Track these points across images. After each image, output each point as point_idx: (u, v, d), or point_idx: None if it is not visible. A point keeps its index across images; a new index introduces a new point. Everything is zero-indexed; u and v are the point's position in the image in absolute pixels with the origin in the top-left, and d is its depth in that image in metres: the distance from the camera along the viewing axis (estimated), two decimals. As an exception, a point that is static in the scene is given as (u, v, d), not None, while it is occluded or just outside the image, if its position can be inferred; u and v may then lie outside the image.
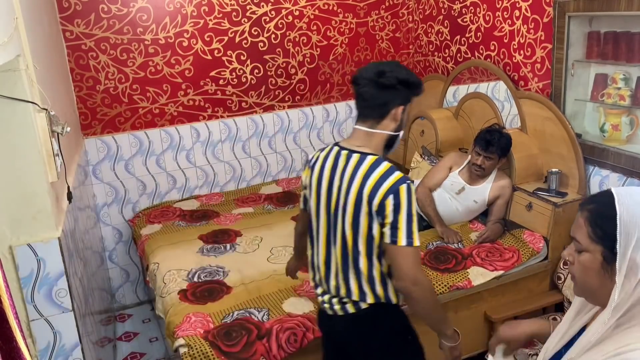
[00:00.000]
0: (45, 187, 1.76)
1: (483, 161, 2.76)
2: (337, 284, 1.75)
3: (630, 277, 0.98)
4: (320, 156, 1.81)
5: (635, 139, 2.52)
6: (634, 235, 0.97)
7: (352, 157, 1.71)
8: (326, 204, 1.74)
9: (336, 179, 1.71)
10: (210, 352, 2.05)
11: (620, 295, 0.99)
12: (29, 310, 1.81)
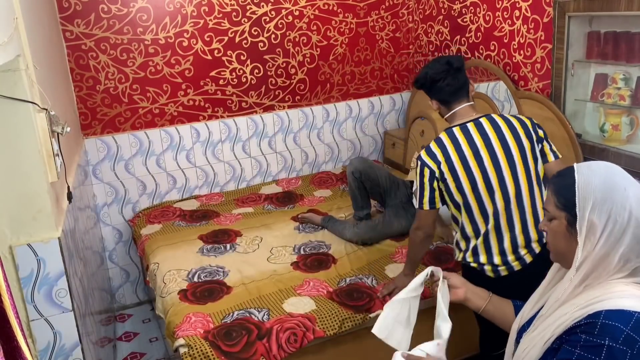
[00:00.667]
0: (45, 187, 1.76)
1: None
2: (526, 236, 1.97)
3: (590, 237, 1.10)
4: (455, 139, 1.99)
5: (635, 139, 2.52)
6: (590, 199, 1.10)
7: (495, 120, 2.02)
8: (507, 164, 1.96)
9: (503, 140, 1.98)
10: (210, 352, 2.05)
11: (582, 254, 1.12)
12: (29, 310, 1.81)
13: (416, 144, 3.69)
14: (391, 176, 3.18)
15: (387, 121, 4.13)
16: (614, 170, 1.14)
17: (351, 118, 3.99)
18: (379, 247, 2.81)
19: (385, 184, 3.11)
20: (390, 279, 2.48)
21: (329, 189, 3.70)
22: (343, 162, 4.04)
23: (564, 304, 1.14)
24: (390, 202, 3.11)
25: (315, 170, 3.97)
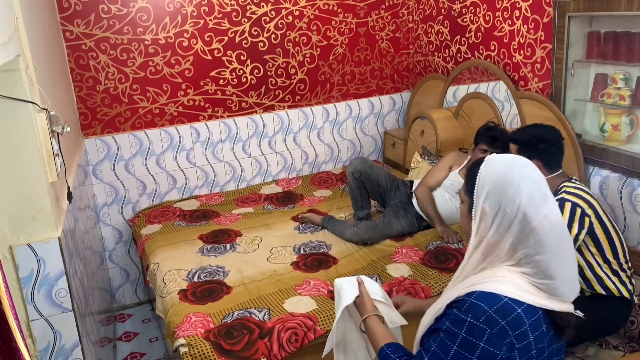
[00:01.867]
0: (45, 187, 1.76)
1: None
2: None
3: (482, 223, 1.20)
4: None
5: (635, 139, 2.52)
6: (485, 189, 1.20)
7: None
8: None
9: None
10: (210, 352, 2.05)
11: (476, 237, 1.23)
12: (29, 310, 1.81)
13: (416, 144, 3.69)
14: (391, 176, 3.18)
15: (387, 121, 4.13)
16: (514, 165, 1.21)
17: (351, 118, 3.99)
18: (379, 247, 2.81)
19: (385, 184, 3.11)
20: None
21: (329, 189, 3.70)
22: (343, 162, 4.04)
23: (462, 282, 1.24)
24: (390, 202, 3.11)
25: (315, 170, 3.97)
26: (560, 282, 1.16)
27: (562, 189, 2.20)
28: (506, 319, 1.11)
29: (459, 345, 1.13)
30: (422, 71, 3.97)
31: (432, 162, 3.36)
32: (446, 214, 2.94)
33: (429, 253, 2.69)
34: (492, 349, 1.11)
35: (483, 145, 2.78)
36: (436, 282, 2.45)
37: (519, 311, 1.12)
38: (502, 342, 1.11)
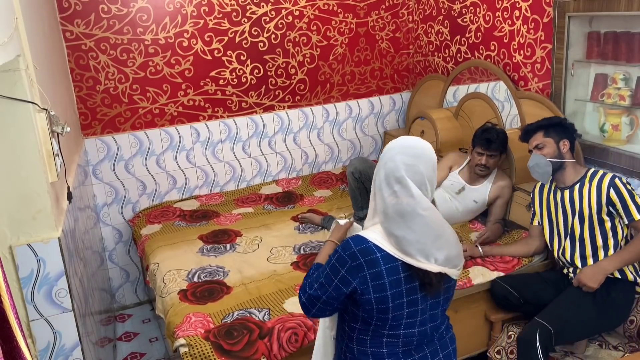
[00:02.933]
0: (45, 187, 1.76)
1: (487, 160, 2.78)
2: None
3: (376, 198, 1.46)
4: None
5: (635, 139, 2.52)
6: (380, 168, 1.45)
7: None
8: None
9: None
10: (210, 352, 2.05)
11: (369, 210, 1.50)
12: (29, 310, 1.81)
13: (416, 144, 3.68)
14: (391, 176, 3.18)
15: (387, 121, 4.13)
16: (390, 146, 1.47)
17: (351, 118, 3.99)
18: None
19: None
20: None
21: (329, 189, 3.70)
22: (343, 162, 4.04)
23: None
24: (390, 202, 3.11)
25: (315, 170, 3.97)
26: (408, 245, 1.38)
27: (597, 172, 2.30)
28: (365, 258, 1.40)
29: (330, 268, 1.46)
30: (422, 71, 3.97)
31: (432, 162, 3.35)
32: (446, 214, 2.94)
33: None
34: (348, 277, 1.41)
35: (478, 149, 2.79)
36: (436, 282, 2.45)
37: (378, 255, 1.40)
38: (357, 274, 1.40)
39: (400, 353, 1.48)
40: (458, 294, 2.48)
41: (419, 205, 1.39)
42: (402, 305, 1.42)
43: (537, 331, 2.14)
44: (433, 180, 1.46)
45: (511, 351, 2.36)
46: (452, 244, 1.44)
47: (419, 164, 1.42)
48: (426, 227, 1.39)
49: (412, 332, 1.46)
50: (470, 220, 3.00)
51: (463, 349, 2.63)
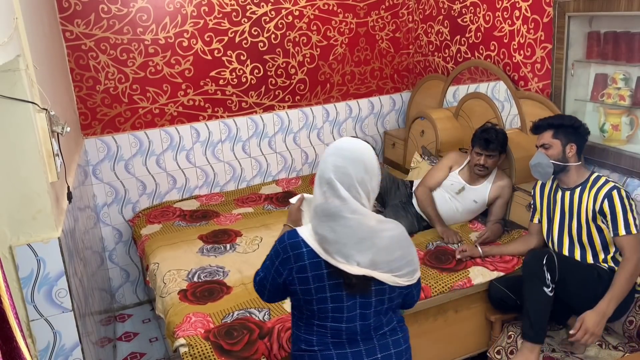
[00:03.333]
0: (45, 187, 1.76)
1: (485, 160, 2.77)
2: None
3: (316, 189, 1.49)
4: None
5: (635, 139, 2.52)
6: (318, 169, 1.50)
7: None
8: None
9: None
10: (210, 352, 2.05)
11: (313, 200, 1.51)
12: (29, 310, 1.81)
13: (416, 144, 3.69)
14: (391, 176, 3.18)
15: (387, 121, 4.13)
16: (328, 147, 1.51)
17: (351, 118, 3.99)
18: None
19: (385, 185, 3.11)
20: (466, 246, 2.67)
21: (329, 189, 3.69)
22: (343, 162, 4.04)
23: None
24: (390, 202, 3.11)
25: (316, 170, 3.96)
26: (327, 244, 1.42)
27: (600, 177, 2.27)
28: (293, 252, 1.47)
29: (269, 258, 1.55)
30: (422, 71, 3.97)
31: (432, 162, 3.36)
32: (446, 214, 2.94)
33: (429, 253, 2.69)
34: (280, 268, 1.50)
35: (477, 149, 2.79)
36: (436, 282, 2.45)
37: (304, 250, 1.46)
38: (286, 266, 1.49)
39: (330, 343, 1.53)
40: (458, 294, 2.48)
41: (346, 208, 1.42)
42: (326, 300, 1.48)
43: (545, 255, 2.17)
44: (366, 183, 1.46)
45: (511, 351, 2.35)
46: (383, 249, 1.45)
47: (348, 166, 1.43)
48: (349, 229, 1.41)
49: (340, 326, 1.51)
50: (470, 220, 3.00)
51: (463, 349, 2.64)
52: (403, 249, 1.50)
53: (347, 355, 1.53)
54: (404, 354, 1.60)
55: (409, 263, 1.51)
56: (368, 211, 1.46)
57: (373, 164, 1.50)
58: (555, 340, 2.35)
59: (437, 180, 2.99)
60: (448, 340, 2.58)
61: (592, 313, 2.10)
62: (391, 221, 1.54)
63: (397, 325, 1.60)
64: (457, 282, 2.47)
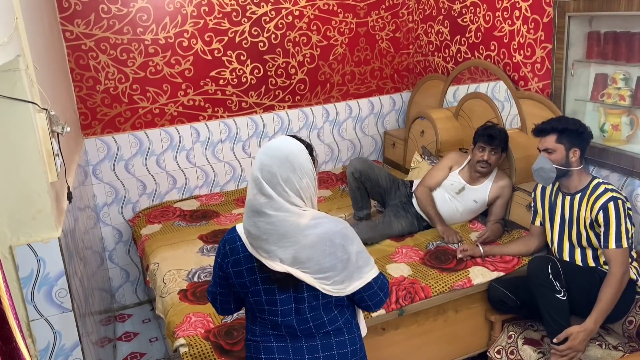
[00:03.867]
0: (45, 187, 1.76)
1: (489, 156, 2.78)
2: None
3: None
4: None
5: (635, 139, 2.52)
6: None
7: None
8: None
9: None
10: (210, 352, 2.05)
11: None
12: (29, 310, 1.81)
13: (416, 144, 3.69)
14: (391, 176, 3.18)
15: (387, 121, 4.13)
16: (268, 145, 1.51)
17: (351, 118, 3.99)
18: (379, 247, 2.80)
19: (385, 184, 3.11)
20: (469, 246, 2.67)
21: (329, 189, 3.70)
22: (343, 162, 4.04)
23: None
24: (390, 202, 3.11)
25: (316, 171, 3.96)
26: (251, 238, 1.48)
27: (600, 185, 2.24)
28: (229, 246, 1.55)
29: (215, 261, 1.62)
30: (422, 71, 3.97)
31: (432, 162, 3.36)
32: (446, 214, 2.94)
33: (429, 253, 2.69)
34: (221, 262, 1.57)
35: (481, 144, 2.79)
36: (436, 282, 2.45)
37: (238, 244, 1.53)
38: (224, 260, 1.56)
39: (271, 335, 1.57)
40: (458, 294, 2.48)
41: (270, 205, 1.44)
42: (260, 292, 1.53)
43: (548, 264, 2.15)
44: (293, 182, 1.45)
45: (511, 351, 2.36)
46: (307, 246, 1.45)
47: (273, 165, 1.45)
48: (271, 225, 1.44)
49: (276, 319, 1.54)
50: (470, 220, 3.00)
51: (463, 349, 2.64)
52: (333, 253, 1.47)
53: (287, 349, 1.56)
54: (349, 356, 1.57)
55: (338, 270, 1.48)
56: (299, 209, 1.46)
57: (301, 162, 1.47)
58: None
59: (437, 180, 2.99)
60: (448, 340, 2.57)
61: (579, 330, 2.10)
62: (333, 221, 1.51)
63: (342, 325, 1.58)
64: (457, 282, 2.47)
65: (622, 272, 2.12)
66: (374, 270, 1.56)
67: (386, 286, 1.62)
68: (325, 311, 1.54)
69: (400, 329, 2.42)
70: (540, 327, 2.42)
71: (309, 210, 1.49)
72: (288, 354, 1.55)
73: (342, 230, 1.51)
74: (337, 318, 1.57)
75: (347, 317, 1.60)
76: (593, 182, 2.27)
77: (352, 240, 1.52)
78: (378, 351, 2.39)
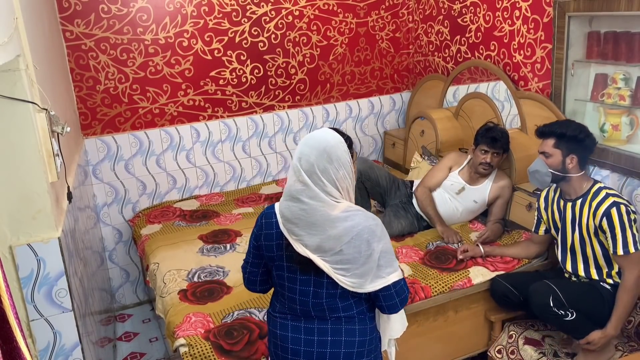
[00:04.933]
0: (45, 187, 1.76)
1: (492, 158, 2.78)
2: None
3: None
4: None
5: (635, 139, 2.52)
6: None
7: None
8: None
9: None
10: (210, 352, 2.05)
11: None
12: (29, 310, 1.81)
13: (416, 144, 3.69)
14: (391, 176, 3.18)
15: (387, 121, 4.13)
16: (308, 136, 1.56)
17: (351, 118, 3.99)
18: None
19: (385, 185, 3.11)
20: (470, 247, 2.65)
21: (329, 189, 3.69)
22: (343, 162, 4.04)
23: None
24: (390, 202, 3.11)
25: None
26: (284, 220, 1.55)
27: (601, 190, 2.20)
28: (266, 220, 1.62)
29: (251, 235, 1.70)
30: (422, 71, 3.97)
31: (432, 162, 3.36)
32: (446, 214, 2.94)
33: (429, 253, 2.69)
34: (255, 232, 1.66)
35: (483, 146, 2.79)
36: (436, 282, 2.45)
37: (274, 220, 1.60)
38: (259, 232, 1.64)
39: (288, 314, 1.65)
40: (458, 294, 2.48)
41: (305, 193, 1.50)
42: (283, 268, 1.60)
43: (549, 296, 2.14)
44: (330, 172, 1.50)
45: (512, 351, 2.36)
46: (332, 237, 1.50)
47: (311, 154, 1.51)
48: (303, 212, 1.51)
49: (294, 298, 1.60)
50: (470, 220, 3.00)
51: (463, 349, 2.64)
52: (357, 246, 1.51)
53: (300, 328, 1.62)
54: (355, 345, 1.60)
55: (358, 264, 1.51)
56: (332, 201, 1.51)
57: (338, 155, 1.52)
58: (556, 340, 2.35)
59: (437, 181, 2.99)
60: (448, 340, 2.58)
61: (601, 336, 2.13)
62: (364, 216, 1.54)
63: (356, 315, 1.61)
64: (457, 282, 2.47)
65: (635, 276, 2.11)
66: (395, 274, 1.57)
67: (404, 293, 1.62)
68: (341, 299, 1.57)
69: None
70: (541, 327, 2.42)
71: (343, 202, 1.54)
72: (300, 332, 1.62)
73: (372, 226, 1.53)
74: (352, 307, 1.59)
75: (363, 309, 1.62)
76: (594, 187, 2.23)
77: (379, 238, 1.54)
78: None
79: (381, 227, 1.57)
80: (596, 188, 2.22)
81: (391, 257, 1.57)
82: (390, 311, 1.62)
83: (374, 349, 1.65)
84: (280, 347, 1.65)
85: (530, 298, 2.24)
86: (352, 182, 1.56)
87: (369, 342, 1.63)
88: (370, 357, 1.64)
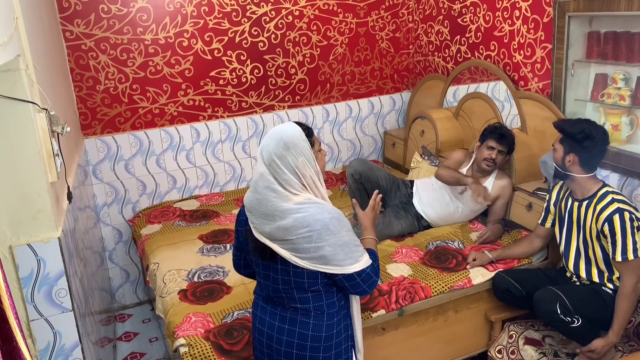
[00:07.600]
0: (45, 187, 1.76)
1: (497, 155, 2.78)
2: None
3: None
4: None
5: (635, 139, 2.52)
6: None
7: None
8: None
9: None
10: (210, 352, 2.05)
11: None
12: (29, 310, 1.81)
13: (416, 144, 3.69)
14: (391, 177, 3.18)
15: (387, 121, 4.13)
16: (275, 128, 1.63)
17: (351, 118, 3.99)
18: (379, 247, 2.79)
19: (385, 185, 3.11)
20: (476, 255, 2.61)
21: (329, 189, 3.70)
22: (343, 162, 4.04)
23: None
24: (390, 202, 3.11)
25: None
26: (246, 209, 1.63)
27: (607, 194, 2.17)
28: (242, 208, 1.69)
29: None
30: (422, 71, 3.97)
31: (432, 162, 3.35)
32: (446, 214, 2.94)
33: (429, 253, 2.69)
34: (237, 217, 1.76)
35: (491, 142, 2.79)
36: (436, 282, 2.45)
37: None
38: (238, 218, 1.75)
39: (261, 296, 1.75)
40: (458, 294, 2.48)
41: (261, 182, 1.59)
42: (251, 253, 1.70)
43: (556, 304, 2.14)
44: (287, 159, 1.55)
45: (512, 351, 2.36)
46: (282, 228, 1.55)
47: (270, 144, 1.57)
48: (256, 202, 1.59)
49: (267, 285, 1.68)
50: (470, 220, 3.00)
51: (463, 349, 2.64)
52: (307, 237, 1.54)
53: (267, 311, 1.72)
54: (309, 339, 1.64)
55: (310, 252, 1.55)
56: (287, 192, 1.55)
57: (295, 142, 1.56)
58: (556, 340, 2.35)
59: (457, 159, 2.97)
60: (448, 340, 2.58)
61: (604, 344, 2.13)
62: (320, 209, 1.56)
63: (312, 309, 1.64)
64: (457, 282, 2.47)
65: (633, 283, 2.11)
66: (358, 264, 1.60)
67: (372, 279, 1.65)
68: (297, 290, 1.63)
69: (400, 329, 2.42)
70: (542, 327, 2.42)
71: (301, 194, 1.57)
72: (266, 314, 1.72)
73: (324, 220, 1.55)
74: (309, 300, 1.64)
75: (322, 304, 1.64)
76: (601, 190, 2.21)
77: (333, 232, 1.55)
78: (378, 351, 2.39)
79: (338, 220, 1.57)
80: (603, 191, 2.20)
81: (349, 249, 1.58)
82: (359, 295, 1.72)
83: (331, 347, 1.66)
84: (255, 327, 1.77)
85: (536, 305, 2.23)
86: (315, 171, 1.59)
87: (325, 339, 1.64)
88: (328, 354, 1.65)
